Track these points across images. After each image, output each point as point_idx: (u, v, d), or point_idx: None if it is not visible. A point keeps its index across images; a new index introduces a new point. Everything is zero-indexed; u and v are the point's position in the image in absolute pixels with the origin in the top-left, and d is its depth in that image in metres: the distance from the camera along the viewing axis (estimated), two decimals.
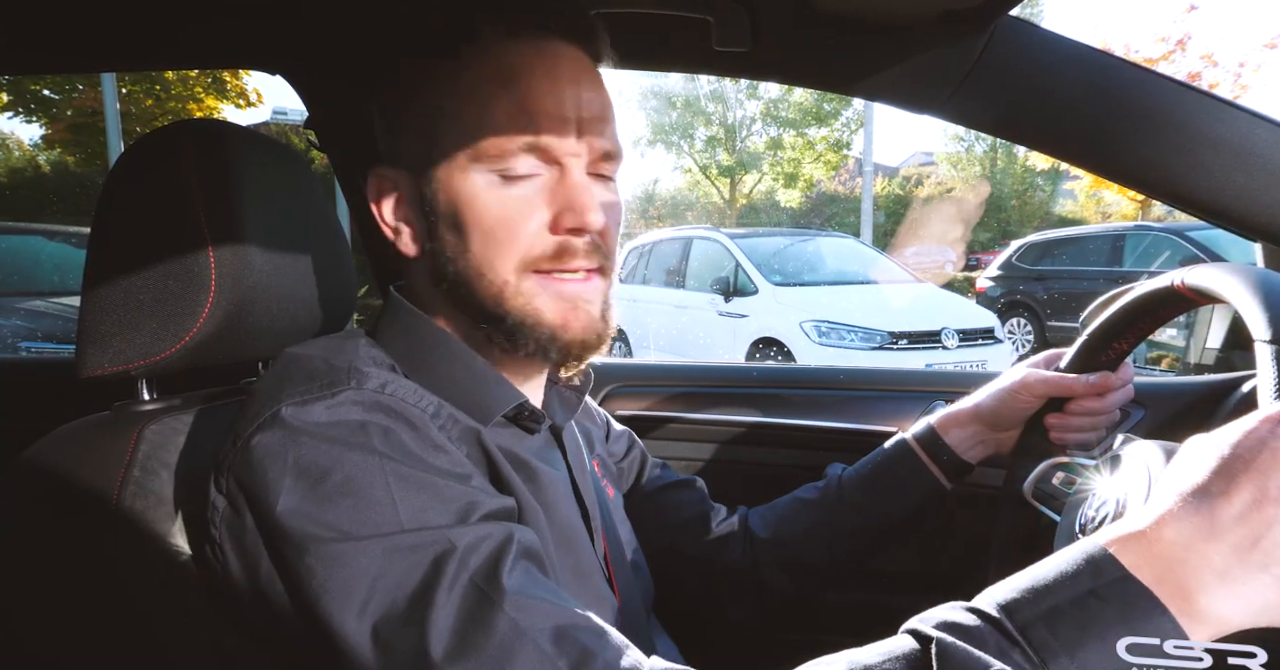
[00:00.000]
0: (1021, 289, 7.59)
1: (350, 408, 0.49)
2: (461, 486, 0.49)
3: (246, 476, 0.47)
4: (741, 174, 19.98)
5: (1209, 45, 27.15)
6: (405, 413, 0.50)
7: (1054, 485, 0.72)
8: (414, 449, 0.49)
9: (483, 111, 0.54)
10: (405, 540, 0.45)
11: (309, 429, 0.47)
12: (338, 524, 0.45)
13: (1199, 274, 0.58)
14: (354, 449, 0.47)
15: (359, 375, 0.51)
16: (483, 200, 0.55)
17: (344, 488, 0.46)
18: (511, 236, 0.55)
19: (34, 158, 15.47)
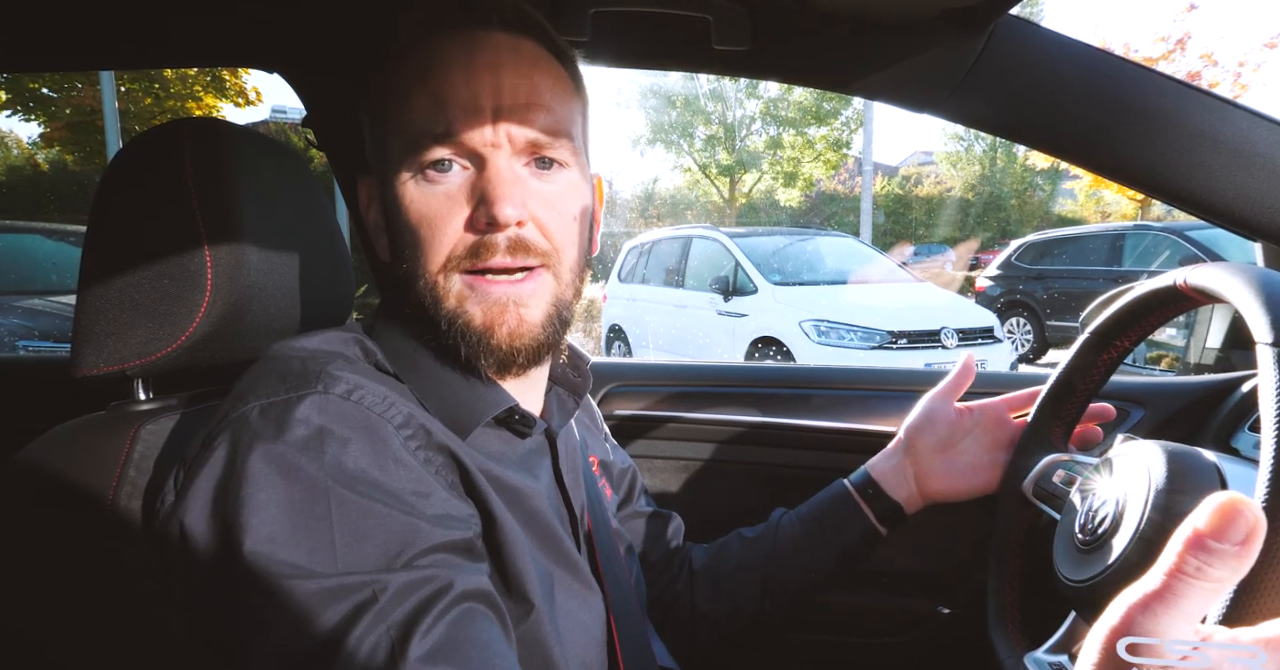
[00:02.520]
0: (1021, 288, 7.60)
1: (311, 413, 0.47)
2: (406, 516, 0.46)
3: (198, 479, 0.45)
4: (741, 173, 19.97)
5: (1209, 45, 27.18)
6: (368, 422, 0.48)
7: (1054, 484, 0.72)
8: (366, 466, 0.46)
9: (404, 109, 0.53)
10: (331, 584, 0.42)
11: (265, 436, 0.45)
12: (271, 557, 0.42)
13: (1201, 274, 0.58)
14: (300, 469, 0.45)
15: (328, 379, 0.49)
16: (408, 200, 0.54)
17: (285, 513, 0.43)
18: (433, 236, 0.53)
19: (32, 156, 15.46)
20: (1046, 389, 0.78)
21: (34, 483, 0.55)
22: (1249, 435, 0.85)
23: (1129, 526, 0.52)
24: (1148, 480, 0.53)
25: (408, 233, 0.54)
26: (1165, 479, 0.52)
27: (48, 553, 0.54)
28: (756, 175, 19.92)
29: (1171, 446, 0.56)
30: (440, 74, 0.52)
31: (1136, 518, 0.52)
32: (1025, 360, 7.33)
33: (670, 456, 1.20)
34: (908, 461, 0.81)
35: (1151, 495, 0.52)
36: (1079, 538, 0.58)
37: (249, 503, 0.43)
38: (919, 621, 1.02)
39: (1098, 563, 0.54)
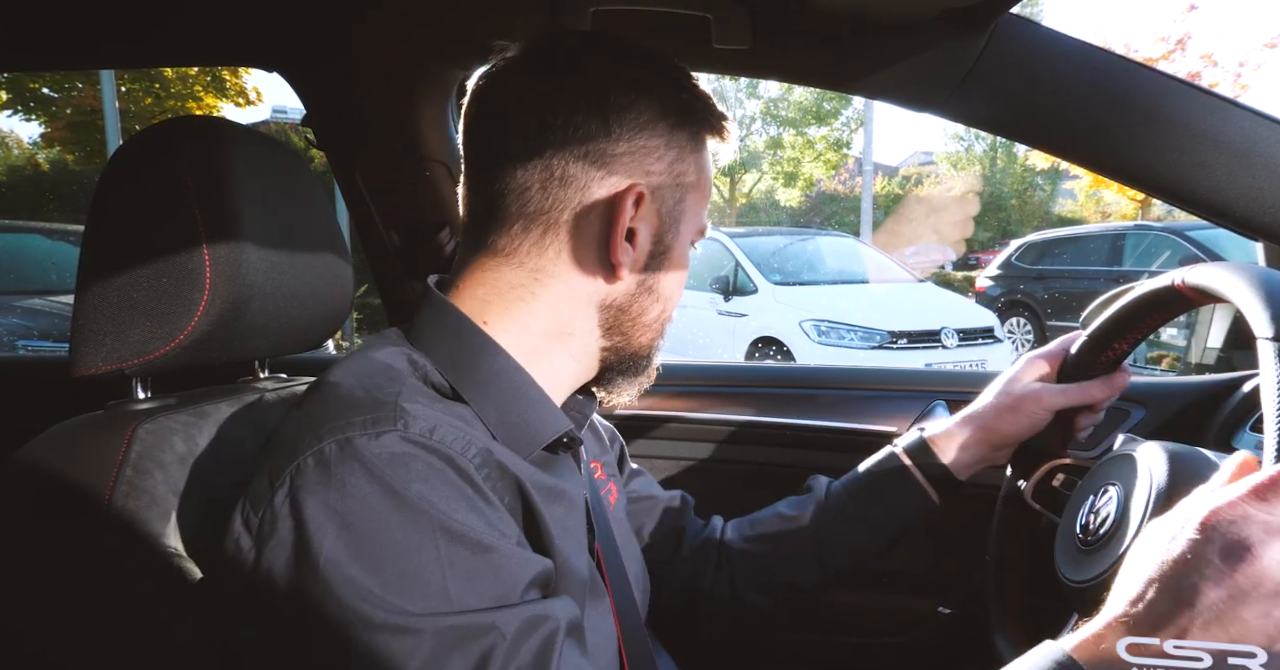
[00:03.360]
0: (1021, 288, 7.60)
1: (396, 451, 0.46)
2: (502, 554, 0.47)
3: (280, 524, 0.44)
4: (741, 173, 19.97)
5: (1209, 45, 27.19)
6: (451, 461, 0.48)
7: (1054, 486, 0.72)
8: (461, 502, 0.47)
9: (706, 192, 0.64)
10: (452, 623, 0.43)
11: (356, 472, 0.45)
12: (386, 598, 0.42)
13: (1200, 273, 0.58)
14: (403, 502, 0.44)
15: (406, 417, 0.48)
16: (684, 257, 0.64)
17: (393, 551, 0.43)
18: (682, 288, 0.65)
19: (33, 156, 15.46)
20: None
21: (32, 482, 0.54)
22: (1250, 435, 0.85)
23: (1130, 527, 0.52)
24: (1149, 480, 0.53)
25: (678, 276, 0.63)
26: (1167, 479, 0.52)
27: (45, 552, 0.54)
28: (756, 175, 19.92)
29: (1173, 446, 0.55)
30: (709, 177, 0.65)
31: (1138, 518, 0.52)
32: None
33: (670, 456, 1.20)
34: (987, 449, 0.77)
35: (1153, 495, 0.52)
36: (1080, 538, 0.58)
37: (351, 550, 0.43)
38: (919, 621, 1.02)
39: (1099, 563, 0.54)
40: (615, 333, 0.62)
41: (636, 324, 0.62)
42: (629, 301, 0.61)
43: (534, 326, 0.59)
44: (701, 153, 0.62)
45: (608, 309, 0.60)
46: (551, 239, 0.58)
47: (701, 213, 0.63)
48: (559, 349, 0.60)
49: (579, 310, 0.60)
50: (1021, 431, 0.75)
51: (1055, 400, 0.74)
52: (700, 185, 0.62)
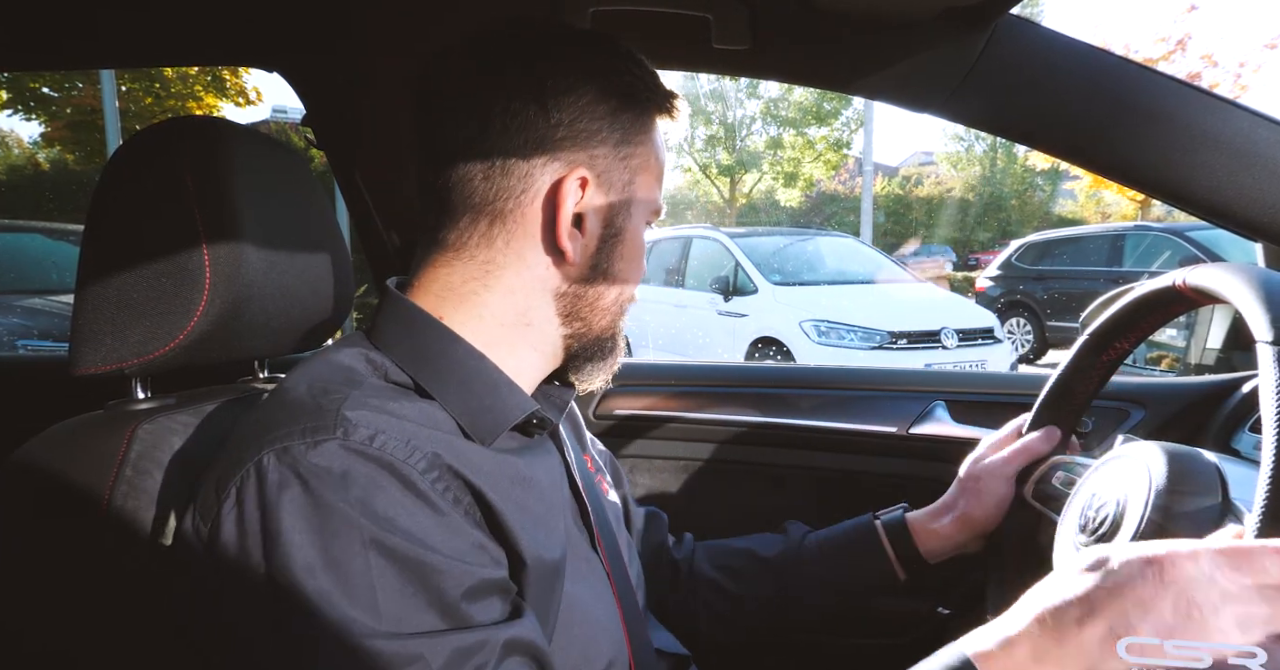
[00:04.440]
0: (1021, 289, 7.59)
1: (333, 462, 0.46)
2: (444, 559, 0.46)
3: (221, 531, 0.45)
4: (741, 173, 19.98)
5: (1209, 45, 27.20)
6: (392, 469, 0.47)
7: (1054, 486, 0.71)
8: (400, 511, 0.46)
9: (658, 172, 0.63)
10: (380, 647, 0.42)
11: (291, 484, 0.45)
12: (313, 612, 0.42)
13: (1200, 274, 0.58)
14: (333, 513, 0.44)
15: (346, 424, 0.47)
16: (640, 235, 0.63)
17: (326, 570, 0.43)
18: (640, 267, 0.64)
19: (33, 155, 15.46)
20: (1046, 391, 0.78)
21: (32, 482, 0.54)
22: (1250, 436, 0.85)
23: (1129, 527, 0.52)
24: (1148, 481, 0.53)
25: (634, 259, 0.62)
26: (1166, 480, 0.52)
27: (45, 552, 0.54)
28: (757, 175, 19.92)
29: (1172, 447, 0.55)
30: (661, 151, 0.64)
31: (1137, 519, 0.52)
32: (1025, 361, 7.33)
33: (670, 456, 1.20)
34: (970, 537, 0.78)
35: (1152, 496, 0.52)
36: (1079, 539, 0.58)
37: (283, 558, 0.43)
38: (919, 622, 1.02)
39: None
40: (574, 319, 0.61)
41: (595, 308, 0.62)
42: (584, 287, 0.60)
43: (491, 319, 0.59)
44: (650, 133, 0.61)
45: (563, 296, 0.60)
46: (499, 229, 0.58)
47: (654, 194, 0.63)
48: (519, 340, 0.60)
49: (534, 299, 0.60)
50: (989, 512, 0.76)
51: (1004, 468, 0.76)
52: (651, 166, 0.62)
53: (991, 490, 0.76)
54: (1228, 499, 0.51)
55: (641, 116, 0.60)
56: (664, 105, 0.62)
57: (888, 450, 1.11)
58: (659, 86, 0.61)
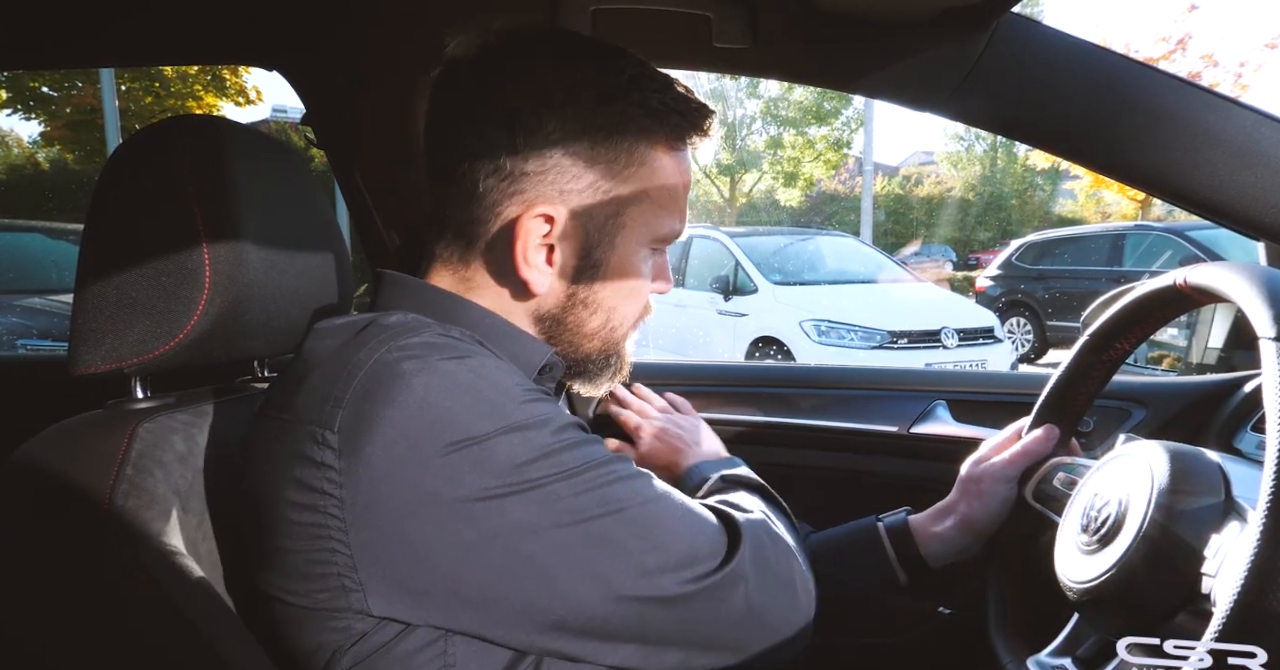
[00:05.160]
0: (1021, 288, 7.59)
1: (438, 338, 0.51)
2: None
3: (374, 415, 0.47)
4: (741, 173, 19.98)
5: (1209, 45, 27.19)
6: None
7: (1055, 486, 0.71)
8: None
9: (666, 203, 0.61)
10: None
11: (429, 352, 0.49)
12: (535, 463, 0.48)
13: (1202, 273, 0.57)
14: (467, 363, 0.50)
15: (430, 326, 0.52)
16: (638, 264, 0.62)
17: (481, 403, 0.48)
18: (639, 296, 0.64)
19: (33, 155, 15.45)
20: (1047, 390, 0.77)
21: (31, 481, 0.54)
22: (1251, 435, 0.85)
23: (1131, 527, 0.52)
24: (1150, 481, 0.53)
25: (622, 287, 0.62)
26: (1168, 479, 0.52)
27: (45, 552, 0.54)
28: (757, 175, 19.92)
29: (1174, 446, 0.55)
30: (683, 183, 0.62)
31: (1139, 519, 0.52)
32: (1026, 360, 7.33)
33: None
34: (972, 540, 0.76)
35: (1154, 496, 0.52)
36: (1081, 539, 0.57)
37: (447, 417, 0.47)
38: (919, 621, 1.02)
39: (1100, 564, 0.53)
40: (557, 341, 0.62)
41: (578, 334, 0.62)
42: (562, 313, 0.61)
43: None
44: (651, 163, 0.59)
45: (542, 320, 0.61)
46: (474, 253, 0.59)
47: (658, 222, 0.61)
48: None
49: (514, 318, 0.61)
50: (992, 514, 0.74)
51: (1006, 470, 0.75)
52: (650, 195, 0.59)
53: (993, 492, 0.75)
54: (1231, 498, 0.50)
55: (634, 148, 0.58)
56: (675, 132, 0.59)
57: (888, 450, 1.11)
58: (668, 114, 0.58)
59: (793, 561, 0.60)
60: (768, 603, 0.56)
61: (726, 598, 0.53)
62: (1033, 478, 0.75)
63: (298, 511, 0.48)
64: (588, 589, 0.49)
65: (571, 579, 0.49)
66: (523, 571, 0.48)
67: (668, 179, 0.60)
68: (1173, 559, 0.49)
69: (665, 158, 0.60)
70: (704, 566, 0.52)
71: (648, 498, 0.52)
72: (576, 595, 0.49)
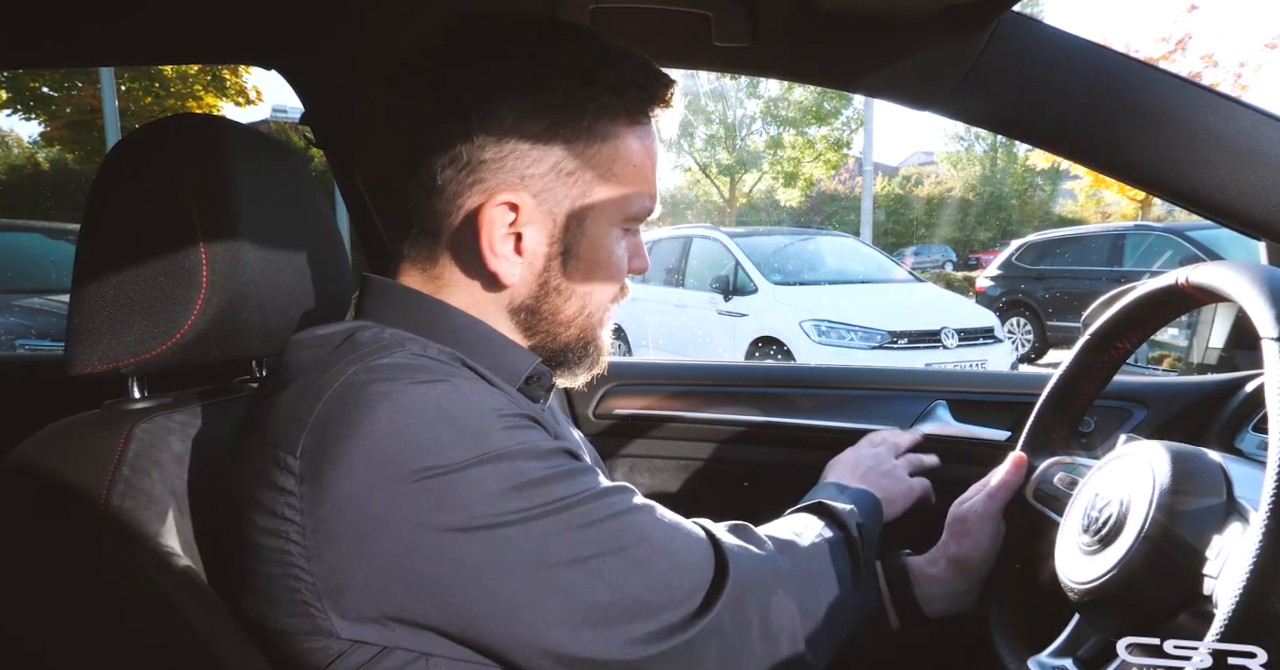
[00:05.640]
0: (1022, 288, 7.59)
1: (411, 359, 0.50)
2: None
3: (335, 442, 0.46)
4: (741, 173, 19.98)
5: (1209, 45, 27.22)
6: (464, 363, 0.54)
7: (1055, 486, 0.71)
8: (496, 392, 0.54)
9: (634, 180, 0.60)
10: None
11: (398, 374, 0.48)
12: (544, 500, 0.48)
13: (1203, 272, 0.57)
14: (440, 383, 0.49)
15: (406, 344, 0.52)
16: (610, 246, 0.60)
17: (461, 422, 0.48)
18: (613, 278, 0.62)
19: (33, 155, 15.47)
20: (1048, 390, 0.77)
21: (28, 481, 0.54)
22: (1253, 435, 0.85)
23: (1133, 528, 0.52)
24: (1152, 481, 0.53)
25: (595, 270, 0.60)
26: (1170, 479, 0.52)
27: (42, 552, 0.54)
28: (757, 175, 19.92)
29: (1176, 446, 0.55)
30: (651, 156, 0.61)
31: (1140, 519, 0.52)
32: (1026, 360, 7.32)
33: (670, 456, 1.20)
34: (967, 584, 0.73)
35: (1156, 496, 0.52)
36: (1082, 540, 0.57)
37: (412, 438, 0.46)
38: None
39: (1101, 565, 0.53)
40: (534, 333, 0.61)
41: (554, 322, 0.61)
42: (536, 303, 0.59)
43: None
44: (614, 140, 0.57)
45: (517, 312, 0.60)
46: (440, 249, 0.58)
47: (628, 201, 0.59)
48: None
49: (489, 314, 0.60)
50: (983, 553, 0.72)
51: (989, 506, 0.73)
52: (615, 174, 0.58)
53: (980, 529, 0.72)
54: (1233, 498, 0.50)
55: (595, 126, 0.56)
56: (636, 106, 0.57)
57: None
58: (626, 88, 0.56)
59: (787, 614, 0.57)
60: (745, 655, 0.54)
61: (698, 649, 0.51)
62: (1033, 477, 0.74)
63: (263, 535, 0.47)
64: (547, 631, 0.47)
65: (532, 620, 0.47)
66: (483, 610, 0.47)
67: (633, 155, 0.58)
68: (1174, 560, 0.49)
69: (628, 133, 0.58)
70: (673, 616, 0.51)
71: (622, 544, 0.50)
72: (536, 635, 0.47)
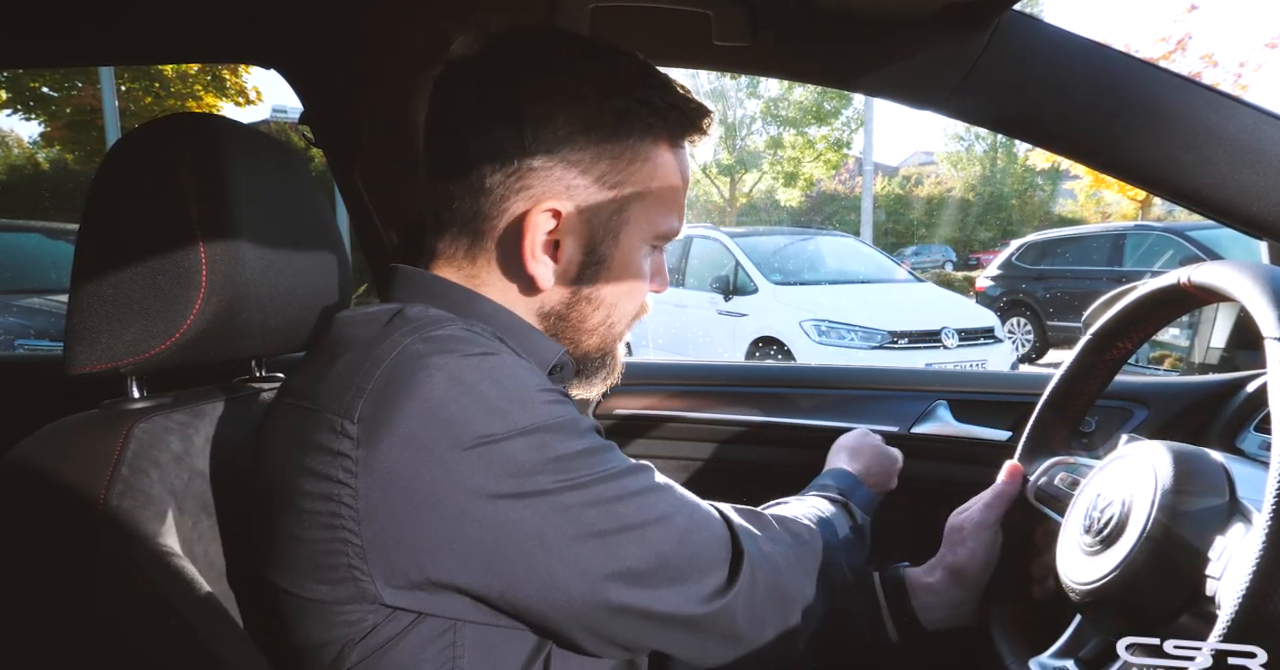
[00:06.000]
0: (1022, 288, 7.59)
1: (461, 332, 0.52)
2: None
3: (398, 402, 0.47)
4: (741, 173, 19.98)
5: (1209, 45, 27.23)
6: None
7: (1056, 486, 0.71)
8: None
9: (667, 200, 0.62)
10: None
11: (452, 342, 0.50)
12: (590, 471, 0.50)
13: (1205, 271, 0.57)
14: (491, 354, 0.51)
15: (456, 321, 0.53)
16: (639, 261, 0.62)
17: (509, 388, 0.50)
18: (638, 294, 0.65)
19: (33, 155, 15.48)
20: (1049, 390, 0.77)
21: (26, 481, 0.54)
22: (1255, 436, 0.85)
23: (1135, 528, 0.52)
24: (1154, 481, 0.53)
25: (624, 283, 0.62)
26: (1172, 479, 0.52)
27: (40, 552, 0.54)
28: (757, 175, 19.92)
29: (1178, 447, 0.55)
30: (683, 181, 0.63)
31: (1142, 519, 0.51)
32: (1026, 360, 7.32)
33: (670, 456, 1.20)
34: (963, 594, 0.72)
35: (1158, 496, 0.51)
36: (1084, 540, 0.57)
37: (474, 397, 0.48)
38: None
39: (1103, 565, 0.53)
40: (559, 338, 0.63)
41: (580, 330, 0.63)
42: (566, 309, 0.61)
43: None
44: (652, 159, 0.60)
45: (546, 316, 0.62)
46: (480, 249, 0.60)
47: (660, 219, 0.62)
48: None
49: (519, 315, 0.61)
50: (981, 563, 0.71)
51: (985, 515, 0.72)
52: (653, 192, 0.60)
53: (977, 538, 0.71)
54: (1235, 499, 0.50)
55: (639, 144, 0.59)
56: (676, 129, 0.60)
57: None
58: (669, 111, 0.59)
59: (799, 593, 0.62)
60: (761, 624, 0.58)
61: (725, 617, 0.55)
62: (1035, 477, 0.74)
63: (312, 501, 0.48)
64: (588, 595, 0.50)
65: (571, 586, 0.49)
66: (525, 574, 0.49)
67: (669, 176, 0.61)
68: (1176, 560, 0.49)
69: (667, 155, 0.61)
70: (705, 586, 0.54)
71: (658, 515, 0.53)
72: (577, 601, 0.50)
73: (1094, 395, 0.75)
